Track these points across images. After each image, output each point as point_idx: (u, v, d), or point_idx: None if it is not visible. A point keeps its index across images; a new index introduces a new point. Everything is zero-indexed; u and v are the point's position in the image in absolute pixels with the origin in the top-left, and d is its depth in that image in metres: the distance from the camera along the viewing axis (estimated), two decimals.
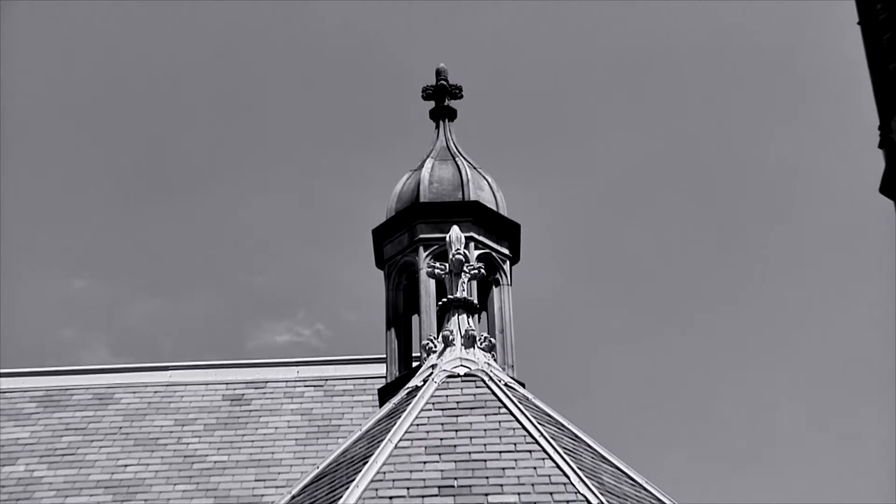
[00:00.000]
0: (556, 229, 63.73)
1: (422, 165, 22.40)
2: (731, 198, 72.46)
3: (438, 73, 23.52)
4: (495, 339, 19.84)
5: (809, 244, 70.62)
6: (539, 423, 15.82)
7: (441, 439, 15.64)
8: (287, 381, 23.22)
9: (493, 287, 21.24)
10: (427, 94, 23.56)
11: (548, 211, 63.14)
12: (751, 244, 70.70)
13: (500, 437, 15.60)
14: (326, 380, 23.16)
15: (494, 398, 16.46)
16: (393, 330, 21.54)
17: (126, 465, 20.83)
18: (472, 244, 19.97)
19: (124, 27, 71.73)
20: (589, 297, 70.49)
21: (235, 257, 70.52)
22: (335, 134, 72.84)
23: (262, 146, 73.47)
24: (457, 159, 22.43)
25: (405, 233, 21.92)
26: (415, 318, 21.36)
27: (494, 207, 21.87)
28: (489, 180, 22.28)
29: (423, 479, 14.81)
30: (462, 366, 17.29)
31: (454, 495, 14.51)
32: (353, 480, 14.77)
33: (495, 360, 18.25)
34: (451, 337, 17.93)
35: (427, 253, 21.20)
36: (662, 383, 69.99)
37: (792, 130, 72.66)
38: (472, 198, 21.70)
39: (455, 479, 14.81)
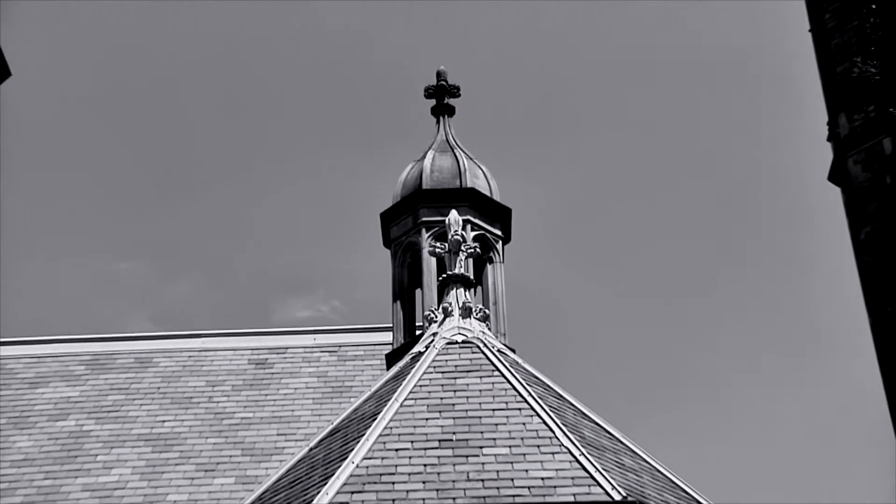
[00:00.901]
0: (545, 213, 63.65)
1: (424, 156, 22.40)
2: (701, 186, 72.37)
3: (439, 74, 23.54)
4: (489, 310, 19.84)
5: (770, 225, 70.57)
6: (527, 385, 15.80)
7: (441, 398, 15.62)
8: (305, 348, 23.23)
9: (488, 264, 21.24)
10: (428, 93, 23.53)
11: (537, 197, 63.05)
12: (720, 227, 70.69)
13: (493, 396, 15.57)
14: (340, 346, 23.17)
15: (488, 362, 16.44)
16: (398, 302, 21.60)
17: (163, 421, 20.87)
18: (468, 226, 19.97)
19: (152, 30, 71.53)
20: (573, 273, 70.48)
21: (263, 242, 70.50)
22: (347, 130, 72.68)
23: (285, 143, 73.40)
24: (455, 151, 22.45)
25: (409, 216, 21.95)
26: (418, 291, 21.40)
27: (488, 193, 21.91)
28: (484, 169, 22.32)
29: (426, 434, 14.80)
30: (460, 334, 17.28)
31: (452, 448, 14.49)
32: (364, 435, 14.78)
33: (489, 328, 18.24)
34: (450, 308, 17.94)
35: (429, 234, 21.22)
36: (640, 348, 69.96)
37: (753, 125, 72.59)
38: (469, 185, 21.73)
39: (453, 433, 14.80)
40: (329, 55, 72.48)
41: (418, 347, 17.60)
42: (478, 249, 20.09)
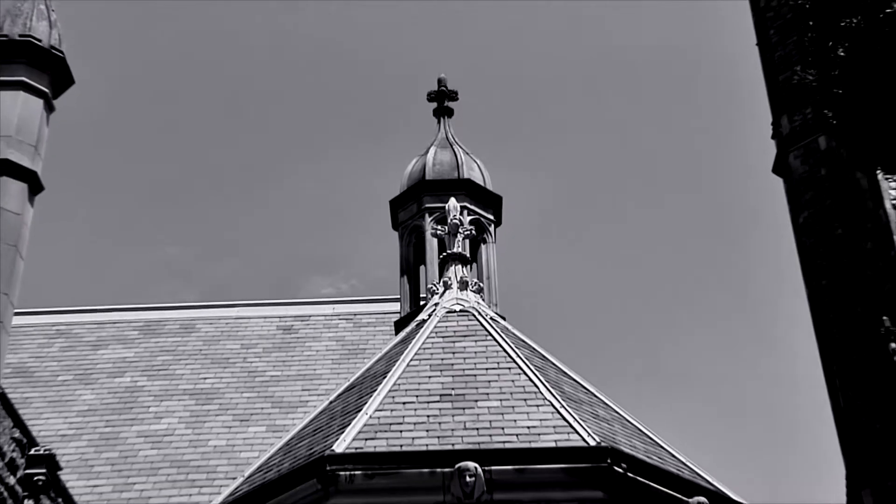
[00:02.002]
0: (532, 200, 63.67)
1: (427, 152, 22.46)
2: (665, 177, 72.40)
3: (439, 81, 23.57)
4: (483, 284, 19.85)
5: (724, 210, 70.57)
6: (516, 347, 15.78)
7: (442, 359, 15.59)
8: (325, 316, 23.23)
9: (482, 244, 21.25)
10: (431, 97, 23.55)
11: (525, 186, 62.98)
12: (681, 212, 70.73)
13: (487, 357, 15.55)
14: (355, 315, 23.17)
15: (482, 328, 16.41)
16: (405, 277, 21.65)
17: (205, 378, 20.87)
18: (465, 211, 19.94)
19: (188, 38, 71.40)
20: (555, 251, 70.53)
21: (291, 230, 70.57)
22: (361, 131, 72.64)
23: (309, 144, 73.41)
24: (454, 147, 22.49)
25: (414, 203, 22.00)
26: (422, 268, 21.45)
27: (483, 183, 21.94)
28: (478, 163, 22.35)
29: (428, 389, 14.77)
30: (458, 304, 17.24)
31: (452, 401, 14.48)
32: (376, 390, 14.76)
33: (483, 299, 18.23)
34: (449, 282, 17.89)
35: (431, 218, 21.25)
36: (611, 315, 70.08)
37: (709, 125, 72.66)
38: (466, 176, 21.78)
39: (452, 389, 14.77)
40: (346, 66, 72.33)
41: (422, 316, 17.55)
42: (473, 231, 20.11)
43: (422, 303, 19.83)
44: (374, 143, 70.60)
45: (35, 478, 13.81)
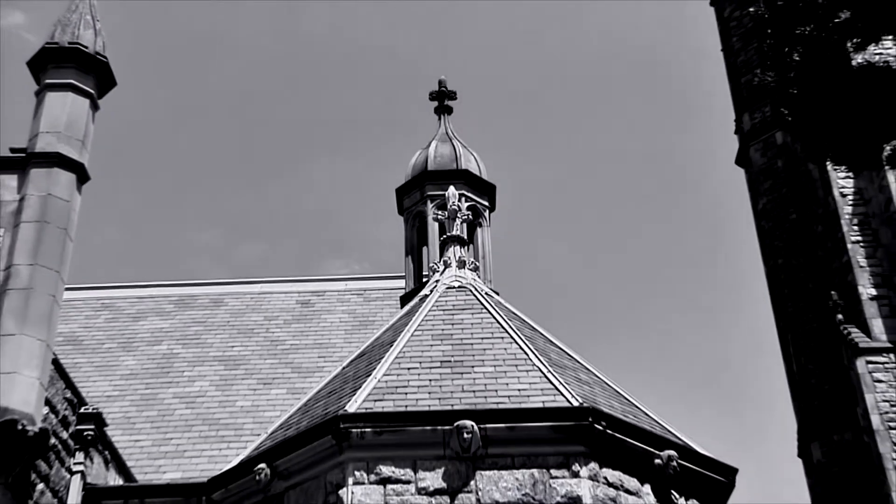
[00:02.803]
0: (523, 188, 63.76)
1: (429, 145, 22.51)
2: (639, 167, 72.37)
3: (440, 82, 23.65)
4: (479, 263, 19.88)
5: (691, 198, 70.54)
6: (508, 319, 15.77)
7: (442, 330, 15.58)
8: (339, 291, 23.24)
9: (478, 228, 21.28)
10: (432, 96, 23.61)
11: (517, 175, 63.11)
12: (654, 199, 70.72)
13: (482, 328, 15.52)
14: (365, 290, 23.17)
15: (478, 303, 16.39)
16: (409, 257, 21.71)
17: (232, 346, 20.90)
18: (463, 198, 19.90)
19: (218, 37, 71.29)
20: (543, 233, 70.61)
21: (311, 216, 70.69)
22: (370, 127, 72.64)
23: (325, 139, 73.44)
24: (453, 141, 22.53)
25: (418, 191, 22.06)
26: (424, 248, 21.46)
27: (478, 173, 21.97)
28: (475, 155, 22.37)
29: (430, 357, 14.77)
30: (456, 281, 17.22)
31: (451, 367, 14.48)
32: (383, 357, 14.75)
33: (479, 277, 18.22)
34: (449, 261, 17.86)
35: (432, 204, 21.27)
36: (592, 290, 70.13)
37: (679, 121, 72.62)
38: (463, 167, 21.83)
39: (452, 356, 14.77)
40: (357, 71, 72.15)
41: (425, 291, 17.52)
42: (470, 216, 20.09)
43: (424, 280, 19.83)
44: (383, 138, 70.71)
45: (85, 433, 13.87)
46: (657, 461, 13.45)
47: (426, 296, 17.08)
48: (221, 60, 71.54)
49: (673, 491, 13.60)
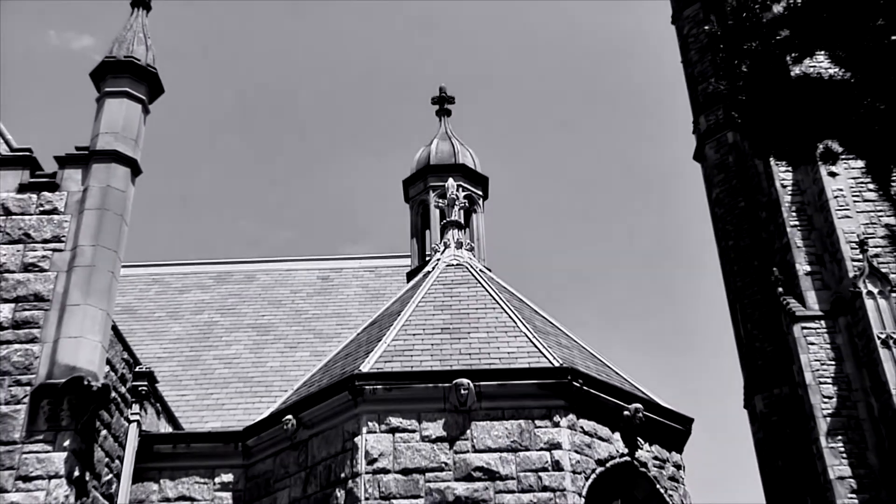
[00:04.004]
0: (511, 180, 63.81)
1: (431, 143, 22.43)
2: (610, 162, 72.48)
3: (441, 89, 23.55)
4: (474, 244, 19.84)
5: (655, 188, 70.60)
6: (499, 293, 15.77)
7: (442, 301, 15.57)
8: (354, 269, 23.20)
9: (473, 214, 21.23)
10: (434, 101, 23.52)
11: (506, 169, 63.10)
12: (623, 189, 70.79)
13: (476, 300, 15.53)
14: (377, 267, 23.14)
15: (473, 278, 16.38)
16: (414, 239, 21.66)
17: (263, 316, 20.86)
18: (460, 188, 19.90)
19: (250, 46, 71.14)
20: (529, 218, 70.68)
21: (332, 207, 70.75)
22: (381, 128, 72.61)
23: (342, 143, 73.47)
24: (452, 139, 22.46)
25: (421, 181, 22.00)
26: (427, 232, 21.42)
27: (474, 167, 21.91)
28: (471, 151, 22.32)
29: (432, 324, 14.78)
30: (454, 259, 17.22)
31: (450, 333, 14.48)
32: (392, 325, 14.76)
33: (474, 256, 18.21)
34: (448, 243, 17.86)
35: (434, 194, 21.23)
36: (571, 268, 70.27)
37: (647, 123, 72.59)
38: (461, 162, 21.75)
39: (451, 324, 14.78)
40: (373, 81, 72.13)
41: (427, 268, 17.54)
42: (466, 204, 20.13)
43: (427, 258, 19.83)
44: (392, 138, 70.75)
45: (139, 388, 13.89)
46: (626, 413, 13.50)
47: (428, 272, 17.09)
48: (261, 73, 71.53)
49: (639, 437, 13.65)
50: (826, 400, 23.57)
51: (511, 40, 74.27)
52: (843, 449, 22.92)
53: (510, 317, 14.75)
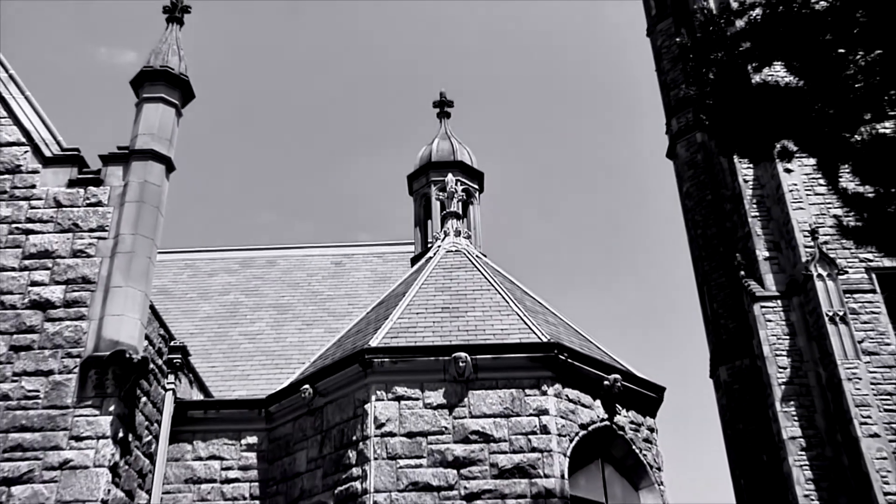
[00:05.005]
0: (504, 175, 63.80)
1: (432, 142, 22.45)
2: (591, 160, 72.45)
3: (441, 94, 23.58)
4: (471, 232, 19.88)
5: (632, 183, 70.69)
6: (493, 276, 15.81)
7: (443, 283, 15.60)
8: (363, 254, 23.24)
9: (470, 205, 21.26)
10: (435, 104, 23.53)
11: (499, 165, 63.10)
12: (603, 184, 70.79)
13: (473, 282, 15.56)
14: (384, 253, 23.19)
15: (470, 263, 16.41)
16: (417, 228, 21.67)
17: (283, 296, 20.91)
18: (458, 183, 19.92)
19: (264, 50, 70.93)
20: (520, 209, 70.68)
21: (344, 201, 70.74)
22: (389, 129, 72.63)
23: (353, 143, 73.45)
24: (451, 139, 22.48)
25: (424, 176, 22.02)
26: (429, 221, 21.44)
27: (470, 163, 21.93)
28: (468, 149, 22.34)
29: (434, 304, 14.81)
30: (453, 246, 17.23)
31: (449, 312, 14.51)
32: (398, 305, 14.79)
33: (471, 243, 18.24)
34: (447, 231, 17.89)
35: (435, 187, 21.24)
36: (557, 254, 70.39)
37: (625, 124, 72.59)
38: (459, 159, 21.77)
39: (450, 304, 14.80)
40: (381, 86, 72.06)
41: (429, 254, 17.54)
42: (464, 196, 20.12)
43: (429, 245, 19.88)
44: (397, 138, 70.72)
45: (174, 360, 13.96)
46: (606, 382, 13.57)
47: (430, 258, 17.11)
48: (281, 79, 71.44)
49: (617, 404, 13.73)
50: (781, 370, 23.76)
51: (505, 50, 74.30)
52: (794, 413, 23.18)
53: (503, 297, 14.79)
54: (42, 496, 10.86)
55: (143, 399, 12.79)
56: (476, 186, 21.73)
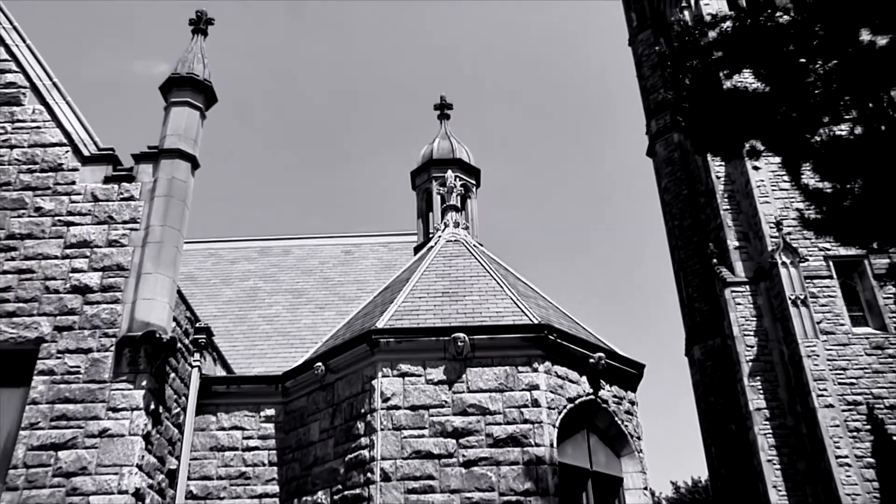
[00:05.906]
0: (499, 172, 63.74)
1: (433, 141, 22.50)
2: (580, 159, 72.35)
3: (441, 97, 23.63)
4: (469, 224, 19.92)
5: (616, 179, 70.60)
6: (489, 263, 15.84)
7: (443, 270, 15.62)
8: (371, 244, 23.21)
9: (468, 199, 21.31)
10: (435, 107, 23.55)
11: (495, 162, 63.04)
12: (589, 180, 70.57)
13: (470, 269, 15.59)
14: (390, 243, 23.15)
15: (468, 252, 16.43)
16: (420, 220, 21.73)
17: (297, 282, 20.89)
18: (457, 178, 19.98)
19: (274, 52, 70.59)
20: (514, 202, 70.71)
21: (353, 198, 70.74)
22: (393, 130, 72.55)
23: (361, 144, 73.36)
24: (450, 138, 22.52)
25: (426, 172, 22.05)
26: (430, 214, 21.48)
27: (469, 161, 21.98)
28: (466, 148, 22.38)
29: (435, 289, 14.83)
30: (453, 236, 17.24)
31: (449, 296, 14.54)
32: (402, 289, 14.84)
33: (469, 234, 18.26)
34: (447, 223, 17.88)
35: (436, 182, 21.27)
36: (550, 242, 70.42)
37: (609, 125, 72.48)
38: (458, 156, 21.83)
39: (450, 289, 14.84)
40: (387, 93, 71.93)
41: (431, 244, 17.53)
42: (462, 191, 20.16)
43: (430, 236, 19.91)
44: (401, 137, 70.67)
45: (199, 340, 14.03)
46: (591, 360, 13.64)
47: (431, 247, 17.14)
48: (295, 87, 71.31)
49: (602, 380, 13.82)
50: (749, 348, 23.92)
51: (501, 57, 74.27)
52: (760, 387, 23.40)
53: (498, 283, 14.83)
54: (85, 460, 11.00)
55: (172, 375, 12.88)
56: (473, 182, 21.78)
